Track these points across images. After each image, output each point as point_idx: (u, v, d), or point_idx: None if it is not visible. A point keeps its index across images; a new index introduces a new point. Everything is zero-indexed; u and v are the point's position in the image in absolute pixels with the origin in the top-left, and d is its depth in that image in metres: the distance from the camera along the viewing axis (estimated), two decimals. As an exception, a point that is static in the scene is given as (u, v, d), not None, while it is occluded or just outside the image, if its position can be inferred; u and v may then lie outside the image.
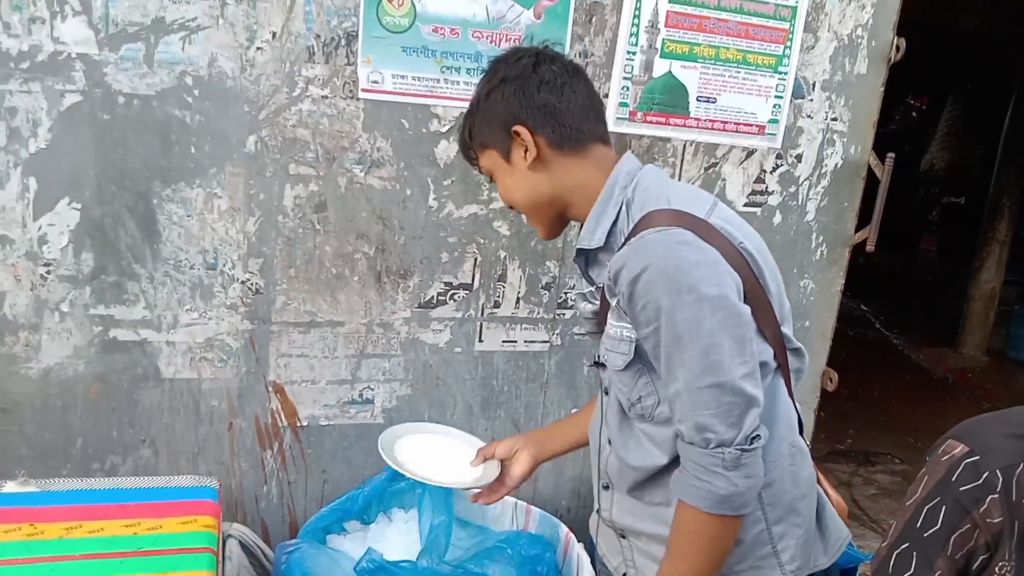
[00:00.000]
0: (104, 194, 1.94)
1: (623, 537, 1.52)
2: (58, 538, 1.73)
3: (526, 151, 1.38)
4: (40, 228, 1.93)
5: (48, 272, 1.96)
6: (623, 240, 1.31)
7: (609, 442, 1.47)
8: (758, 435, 1.24)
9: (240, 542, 2.09)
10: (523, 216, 1.50)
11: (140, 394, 2.09)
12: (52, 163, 1.90)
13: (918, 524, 1.19)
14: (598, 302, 1.41)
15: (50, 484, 1.91)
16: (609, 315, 1.34)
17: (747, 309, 1.25)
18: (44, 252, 1.95)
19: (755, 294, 1.28)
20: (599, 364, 1.44)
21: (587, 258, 1.42)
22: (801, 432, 1.49)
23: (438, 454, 1.90)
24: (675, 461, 1.34)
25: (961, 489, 1.15)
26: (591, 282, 1.44)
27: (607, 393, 1.45)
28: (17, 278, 1.94)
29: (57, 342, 2.00)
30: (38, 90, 1.85)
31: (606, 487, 1.50)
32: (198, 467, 2.17)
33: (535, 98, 1.36)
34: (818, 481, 1.53)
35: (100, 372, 2.04)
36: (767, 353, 1.34)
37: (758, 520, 1.37)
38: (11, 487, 1.87)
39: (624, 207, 1.35)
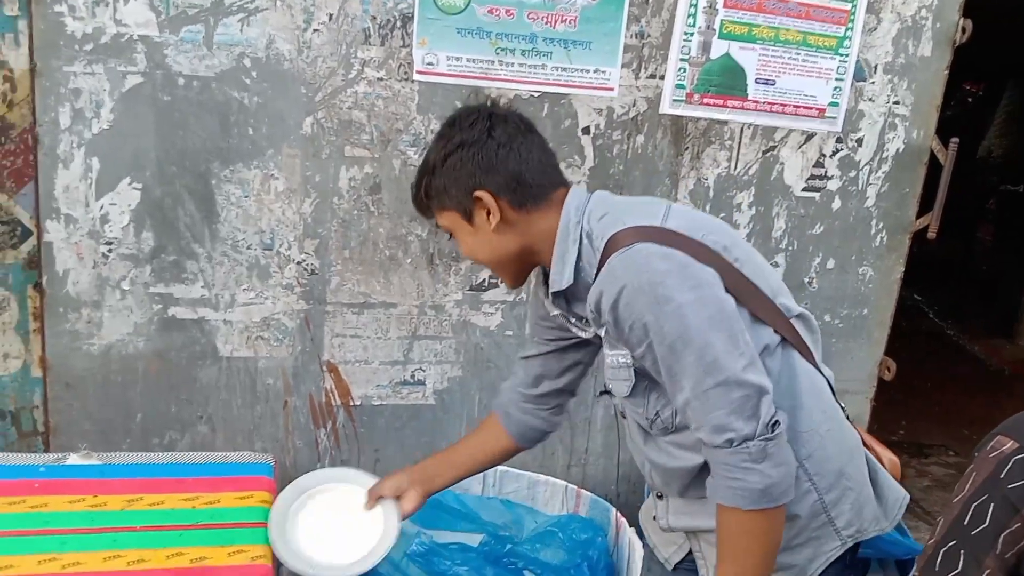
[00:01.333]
0: (164, 174, 1.97)
1: (690, 533, 1.54)
2: (120, 510, 1.78)
3: (489, 214, 1.37)
4: (102, 207, 1.97)
5: (110, 250, 2.00)
6: (594, 271, 1.32)
7: (647, 460, 1.48)
8: (777, 421, 1.24)
9: (294, 519, 2.12)
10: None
11: (198, 371, 2.13)
12: (114, 144, 1.93)
13: (966, 522, 1.15)
14: (591, 330, 1.42)
15: (112, 457, 1.95)
16: (604, 346, 1.36)
17: (730, 300, 1.25)
18: (106, 231, 1.99)
19: (735, 280, 1.29)
20: (606, 392, 1.47)
21: (566, 298, 1.42)
22: (834, 393, 1.47)
23: (337, 520, 1.75)
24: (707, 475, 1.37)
25: (1010, 486, 1.12)
26: (579, 319, 1.44)
27: (624, 416, 1.48)
28: (80, 256, 1.99)
29: (118, 319, 2.04)
30: (101, 72, 1.88)
31: (660, 497, 1.52)
32: (253, 444, 2.21)
33: (494, 163, 1.35)
34: (865, 445, 1.52)
35: (159, 349, 2.09)
36: (766, 334, 1.32)
37: (809, 492, 1.36)
38: (74, 459, 1.92)
39: (585, 239, 1.35)
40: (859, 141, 2.36)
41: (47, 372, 2.05)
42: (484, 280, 2.24)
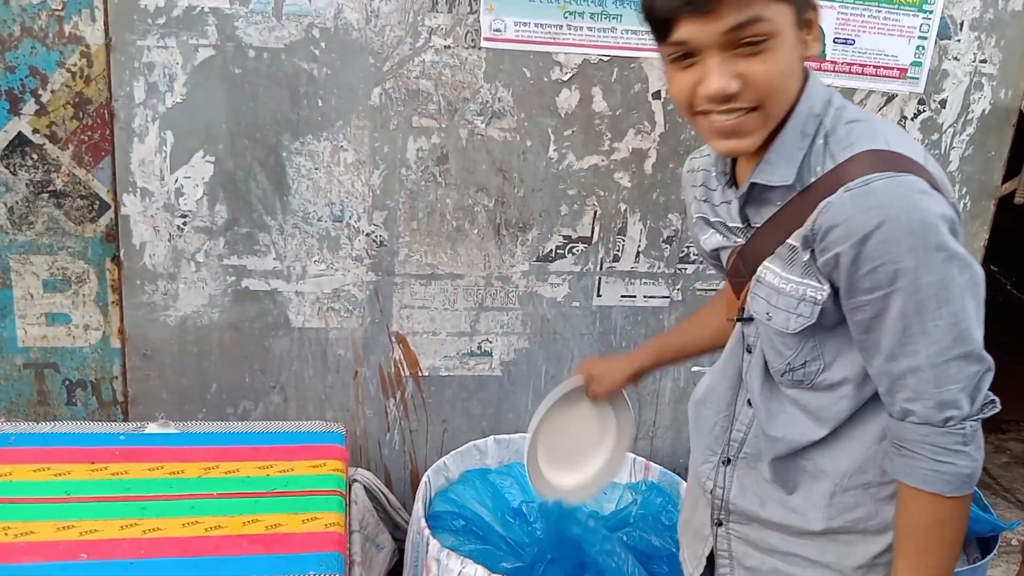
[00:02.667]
0: (236, 147, 1.99)
1: (720, 524, 1.35)
2: (198, 477, 1.82)
3: (809, 36, 1.08)
4: (176, 180, 2.00)
5: (184, 223, 2.03)
6: (812, 179, 1.11)
7: (749, 404, 1.27)
8: (992, 400, 1.11)
9: (364, 487, 2.15)
10: (734, 117, 1.07)
11: (271, 342, 2.15)
12: (187, 117, 1.95)
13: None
14: (741, 241, 1.22)
15: (188, 426, 2.00)
16: (783, 267, 1.14)
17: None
18: (180, 204, 2.01)
19: None
20: (743, 319, 1.25)
21: (750, 192, 1.19)
22: None
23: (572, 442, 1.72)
24: (833, 435, 1.19)
25: None
26: (744, 220, 1.21)
27: (750, 351, 1.25)
28: (156, 229, 2.02)
29: (193, 291, 2.08)
30: (173, 45, 1.90)
31: (728, 462, 1.31)
32: (325, 413, 2.23)
33: None
34: None
35: (233, 320, 2.12)
36: None
37: None
38: (153, 428, 1.97)
39: (821, 139, 1.11)
40: (942, 103, 2.26)
41: (125, 343, 2.10)
42: (551, 251, 2.21)
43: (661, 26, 1.05)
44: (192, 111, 1.95)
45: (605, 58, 2.06)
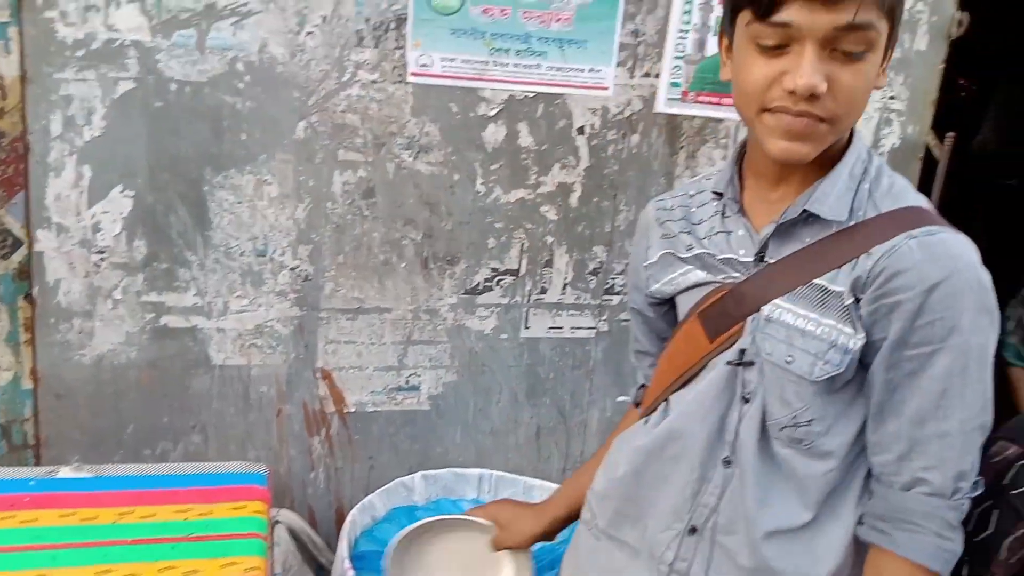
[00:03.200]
0: (157, 181, 1.95)
1: None
2: (112, 523, 1.75)
3: (886, 64, 1.06)
4: (94, 216, 1.94)
5: (102, 259, 1.97)
6: (852, 222, 1.05)
7: (725, 464, 1.13)
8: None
9: (288, 528, 2.10)
10: (806, 121, 1.00)
11: (190, 380, 2.10)
12: (106, 151, 1.91)
13: (970, 528, 1.14)
14: (737, 276, 1.12)
15: (103, 469, 1.93)
16: (808, 308, 1.06)
17: None
18: (98, 239, 1.96)
19: None
20: (745, 363, 1.11)
21: (781, 225, 1.10)
22: None
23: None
24: (814, 524, 1.10)
25: (1013, 493, 1.11)
26: (759, 253, 1.12)
27: (747, 400, 1.11)
28: (72, 265, 1.96)
29: (110, 329, 2.02)
30: (92, 78, 1.86)
31: (694, 531, 1.15)
32: (247, 453, 2.18)
33: None
34: None
35: (152, 358, 2.06)
36: None
37: None
38: (65, 472, 1.90)
39: (867, 183, 1.08)
40: (855, 139, 2.35)
41: (38, 384, 2.02)
42: (479, 283, 2.22)
43: (764, 3, 0.95)
44: (111, 145, 1.90)
45: (530, 94, 2.09)
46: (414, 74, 2.00)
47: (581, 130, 2.15)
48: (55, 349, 2.00)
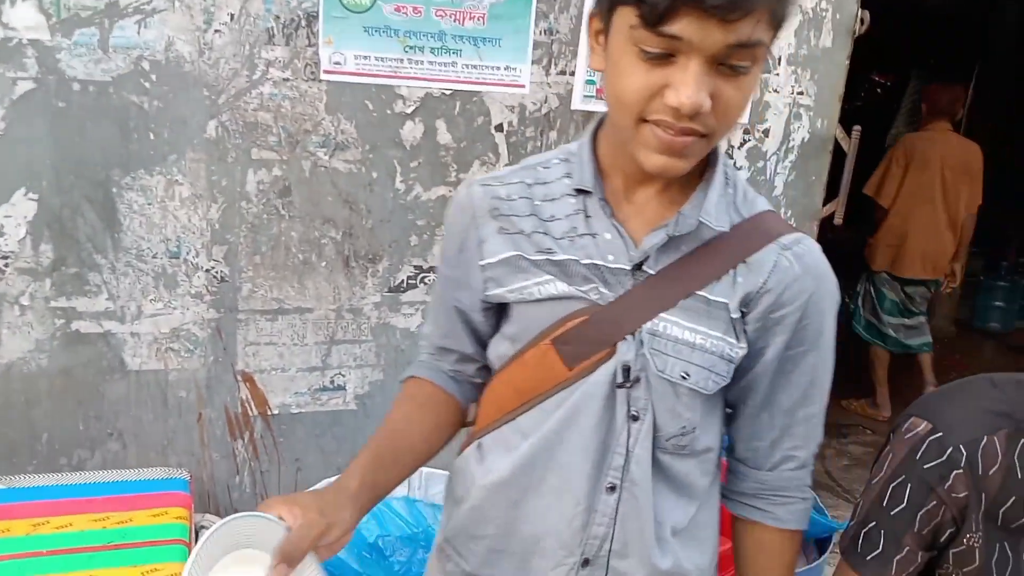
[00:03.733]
0: (62, 184, 1.90)
1: None
2: (25, 535, 1.71)
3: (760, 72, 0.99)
4: (-4, 220, 1.88)
5: (6, 265, 1.91)
6: (717, 228, 1.01)
7: (611, 489, 1.06)
8: None
9: (213, 533, 2.07)
10: (685, 137, 0.91)
11: (106, 387, 2.05)
12: (6, 153, 1.85)
13: (884, 503, 1.19)
14: (606, 293, 1.02)
15: (15, 481, 1.88)
16: (695, 321, 1.02)
17: None
18: (1, 245, 1.90)
19: None
20: (625, 385, 1.03)
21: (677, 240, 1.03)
22: None
23: None
24: (699, 511, 1.12)
25: (925, 467, 1.15)
26: (637, 264, 1.02)
27: (636, 419, 1.04)
28: (-26, 272, 1.89)
29: (18, 336, 1.96)
30: (-11, 78, 1.80)
31: (586, 563, 1.08)
32: (168, 459, 2.14)
33: None
34: None
35: (64, 366, 2.00)
36: None
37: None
38: (-25, 485, 1.84)
39: (731, 188, 1.05)
40: (765, 132, 2.42)
41: (-57, 394, 1.95)
42: (402, 281, 2.21)
43: (656, 11, 0.86)
44: (11, 147, 1.85)
45: (447, 91, 2.09)
46: (327, 71, 1.98)
47: (500, 127, 2.17)
48: (-40, 359, 1.94)
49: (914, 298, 4.23)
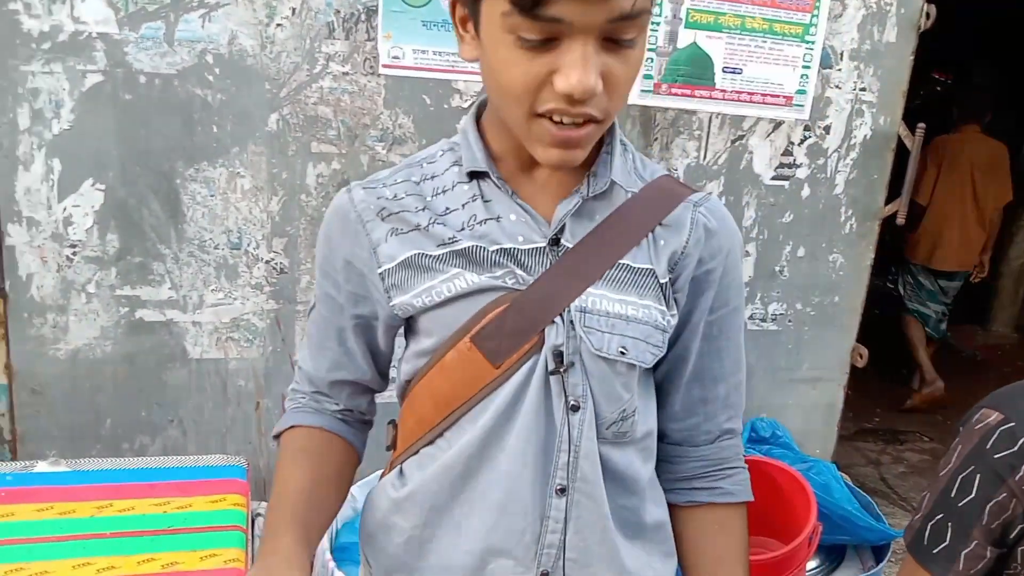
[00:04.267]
0: (128, 175, 1.94)
1: None
2: (89, 516, 1.75)
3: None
4: (65, 210, 1.94)
5: (74, 253, 1.96)
6: (623, 191, 0.97)
7: (561, 492, 0.96)
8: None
9: (268, 521, 2.10)
10: (579, 127, 0.85)
11: (167, 375, 2.09)
12: (75, 144, 1.90)
13: (952, 494, 1.15)
14: (524, 276, 0.93)
15: (80, 464, 1.93)
16: (624, 291, 0.95)
17: None
18: (70, 233, 1.95)
19: None
20: (559, 371, 0.93)
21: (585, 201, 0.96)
22: None
23: None
24: (650, 507, 1.05)
25: (996, 456, 1.12)
26: (554, 238, 0.94)
27: (576, 409, 0.95)
28: (44, 260, 1.95)
29: (84, 323, 2.01)
30: (60, 71, 1.85)
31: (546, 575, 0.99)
32: (226, 447, 2.18)
33: None
34: None
35: (128, 353, 2.05)
36: None
37: None
38: (42, 467, 1.89)
39: (630, 153, 1.01)
40: (827, 128, 2.37)
41: (12, 379, 2.02)
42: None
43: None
44: (80, 138, 1.90)
45: (504, 85, 2.09)
46: (386, 66, 2.00)
47: (555, 121, 2.16)
48: (29, 344, 1.99)
49: (947, 291, 4.45)
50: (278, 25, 1.93)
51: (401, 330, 1.04)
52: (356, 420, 1.10)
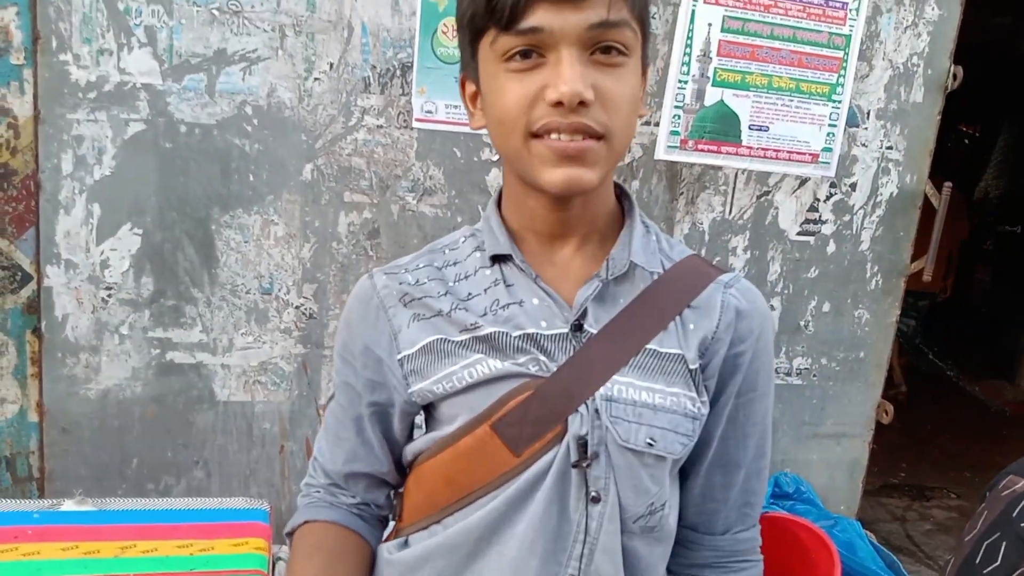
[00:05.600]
0: (165, 220, 1.99)
1: None
2: (113, 557, 1.76)
3: (645, 84, 0.94)
4: (103, 253, 1.98)
5: (109, 295, 2.01)
6: (648, 273, 0.96)
7: None
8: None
9: (289, 565, 2.10)
10: (580, 139, 0.84)
11: (195, 416, 2.12)
12: (115, 190, 1.95)
13: (977, 560, 1.15)
14: (547, 362, 0.91)
15: (106, 503, 1.94)
16: (651, 378, 0.92)
17: None
18: (106, 276, 2.00)
19: None
20: (582, 465, 0.90)
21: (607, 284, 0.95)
22: None
23: None
24: None
25: (1022, 526, 1.12)
26: (576, 324, 0.92)
27: (597, 500, 0.91)
28: (79, 301, 2.00)
29: (116, 364, 2.05)
30: (104, 119, 1.91)
31: None
32: (249, 489, 2.19)
33: None
34: None
35: (157, 394, 2.09)
36: None
37: None
38: (69, 505, 1.91)
39: (653, 235, 1.00)
40: (853, 186, 2.39)
41: (43, 417, 2.05)
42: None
43: (506, 13, 0.83)
44: (120, 184, 1.95)
45: (533, 139, 2.13)
46: (419, 120, 2.05)
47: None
48: (62, 383, 2.03)
49: (919, 308, 4.97)
50: (316, 79, 1.98)
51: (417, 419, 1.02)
52: (372, 516, 1.07)
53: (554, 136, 0.84)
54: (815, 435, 2.55)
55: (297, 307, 2.11)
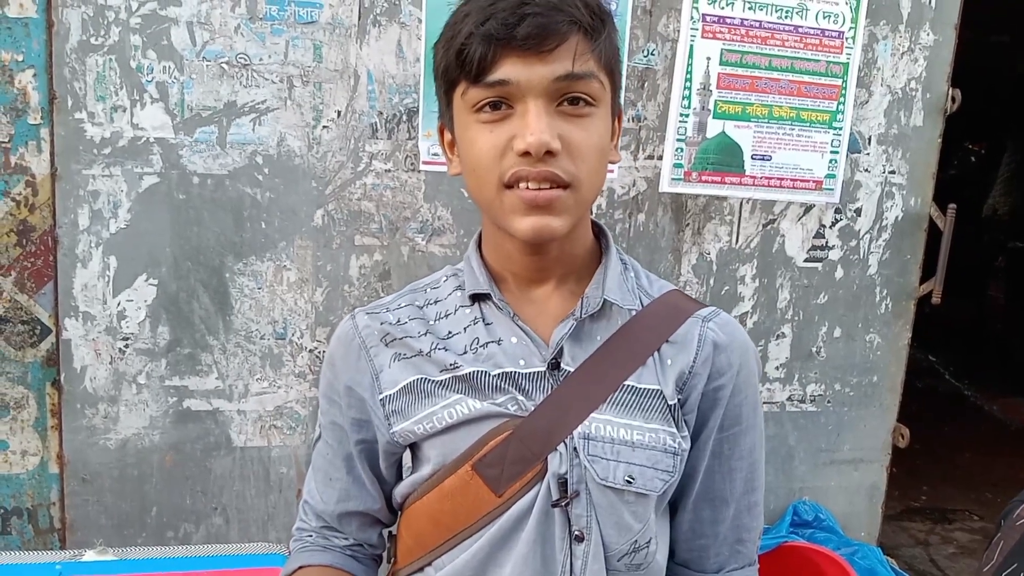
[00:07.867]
0: (180, 270, 2.03)
1: None
2: (136, 607, 1.77)
3: (618, 125, 0.98)
4: (119, 304, 2.02)
5: (126, 346, 2.04)
6: (625, 311, 0.97)
7: None
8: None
9: (309, 609, 2.10)
10: (548, 188, 0.87)
11: (212, 462, 2.14)
12: (131, 242, 1.99)
13: None
14: (524, 401, 0.93)
15: (127, 552, 1.95)
16: (629, 415, 0.93)
17: None
18: (123, 327, 2.03)
19: None
20: (562, 503, 0.91)
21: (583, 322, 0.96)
22: None
23: None
24: None
25: None
26: (553, 362, 0.94)
27: (580, 540, 0.92)
28: (97, 352, 2.02)
29: (134, 413, 2.07)
30: (118, 173, 1.96)
31: None
32: (268, 534, 2.20)
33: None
34: None
35: (174, 442, 2.10)
36: None
37: None
38: (90, 556, 1.92)
39: (631, 271, 1.02)
40: (858, 211, 2.40)
41: (64, 468, 2.07)
42: (494, 361, 2.26)
43: (475, 66, 0.86)
44: (136, 236, 1.99)
45: (539, 177, 2.16)
46: (426, 163, 2.08)
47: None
48: (81, 434, 2.06)
49: None
50: (324, 127, 2.03)
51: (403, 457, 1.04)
52: (366, 556, 1.07)
53: (523, 185, 0.87)
54: (832, 461, 2.54)
55: (311, 350, 2.14)
